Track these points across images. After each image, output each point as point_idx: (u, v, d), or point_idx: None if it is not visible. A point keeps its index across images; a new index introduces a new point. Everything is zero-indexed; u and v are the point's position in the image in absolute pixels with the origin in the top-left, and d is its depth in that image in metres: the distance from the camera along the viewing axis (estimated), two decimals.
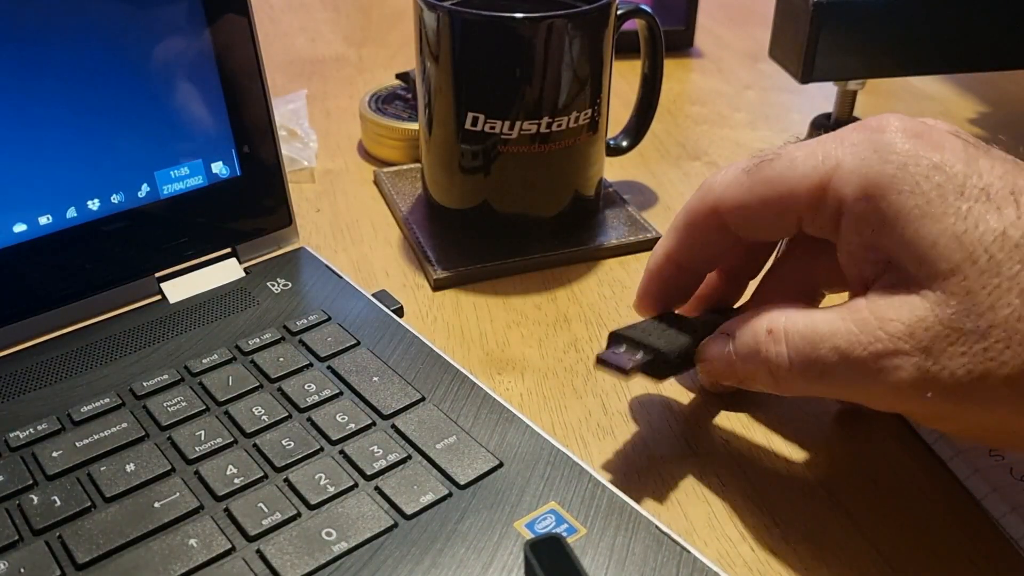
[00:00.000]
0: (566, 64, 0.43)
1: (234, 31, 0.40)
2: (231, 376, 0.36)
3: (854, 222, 0.29)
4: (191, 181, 0.41)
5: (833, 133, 0.30)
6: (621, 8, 0.46)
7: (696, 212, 0.33)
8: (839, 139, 0.30)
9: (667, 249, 0.34)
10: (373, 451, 0.32)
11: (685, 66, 0.73)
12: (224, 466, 0.32)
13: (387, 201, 0.53)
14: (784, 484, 0.34)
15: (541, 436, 0.33)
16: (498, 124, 0.44)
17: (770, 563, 0.31)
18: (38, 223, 0.38)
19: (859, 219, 0.29)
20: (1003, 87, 0.68)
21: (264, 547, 0.29)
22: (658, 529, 0.29)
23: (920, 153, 0.28)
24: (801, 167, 0.30)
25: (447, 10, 0.43)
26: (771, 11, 0.52)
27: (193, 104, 0.40)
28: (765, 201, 0.31)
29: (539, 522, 0.30)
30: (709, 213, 0.32)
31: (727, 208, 0.32)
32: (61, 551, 0.29)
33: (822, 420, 0.37)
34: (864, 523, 0.32)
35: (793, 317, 0.30)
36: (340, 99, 0.66)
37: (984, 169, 0.27)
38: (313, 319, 0.39)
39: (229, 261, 0.42)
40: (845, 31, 0.49)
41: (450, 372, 0.36)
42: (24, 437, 0.33)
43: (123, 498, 0.31)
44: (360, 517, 0.30)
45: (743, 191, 0.31)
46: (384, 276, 0.46)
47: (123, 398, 0.35)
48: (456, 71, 0.44)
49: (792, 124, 0.63)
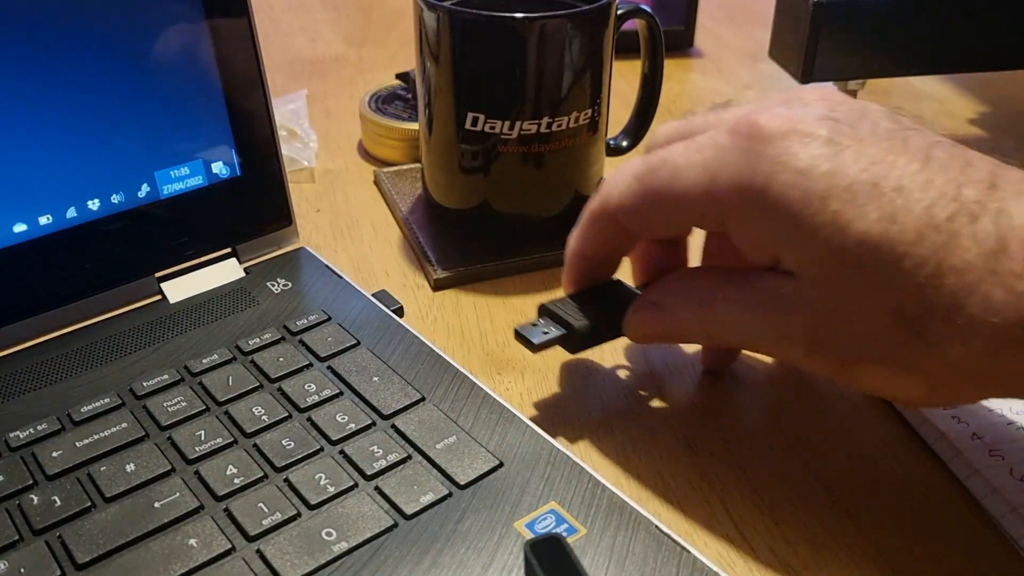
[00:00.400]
0: (566, 64, 0.43)
1: (234, 31, 0.40)
2: (231, 376, 0.36)
3: (735, 228, 0.31)
4: (191, 181, 0.41)
5: (711, 135, 0.32)
6: (621, 8, 0.46)
7: (595, 215, 0.35)
8: (715, 146, 0.31)
9: (576, 246, 0.37)
10: (373, 451, 0.32)
11: (685, 66, 0.73)
12: (224, 466, 0.32)
13: (387, 201, 0.53)
14: (784, 484, 0.34)
15: (541, 436, 0.33)
16: (498, 124, 0.44)
17: (770, 563, 0.31)
18: (38, 223, 0.38)
19: (739, 226, 0.31)
20: (1003, 87, 0.68)
21: (264, 547, 0.29)
22: (658, 529, 0.29)
23: (787, 161, 0.29)
24: (684, 178, 0.31)
25: (447, 10, 0.43)
26: (771, 11, 0.52)
27: (193, 104, 0.40)
28: (654, 208, 0.33)
29: (539, 522, 0.30)
30: (607, 217, 0.34)
31: (621, 214, 0.34)
32: (61, 551, 0.29)
33: (822, 420, 0.37)
34: (864, 523, 0.32)
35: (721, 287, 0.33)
36: (340, 99, 0.66)
37: (848, 165, 0.29)
38: (313, 319, 0.39)
39: (229, 261, 0.42)
40: (845, 31, 0.49)
41: (450, 372, 0.36)
42: (24, 437, 0.33)
43: (123, 498, 0.31)
44: (360, 517, 0.30)
45: (635, 199, 0.33)
46: (384, 276, 0.46)
47: (123, 398, 0.35)
48: (456, 71, 0.44)
49: None
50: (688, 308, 0.34)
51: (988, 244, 0.27)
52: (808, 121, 0.30)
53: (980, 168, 0.28)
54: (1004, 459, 0.33)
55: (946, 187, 0.28)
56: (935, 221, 0.27)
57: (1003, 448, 0.34)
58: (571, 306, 0.37)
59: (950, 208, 0.27)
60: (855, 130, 0.30)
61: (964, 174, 0.28)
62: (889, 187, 0.28)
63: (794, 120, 0.30)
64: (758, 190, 0.30)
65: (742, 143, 0.30)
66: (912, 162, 0.29)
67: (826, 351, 0.30)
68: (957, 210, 0.27)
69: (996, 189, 0.28)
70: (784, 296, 0.30)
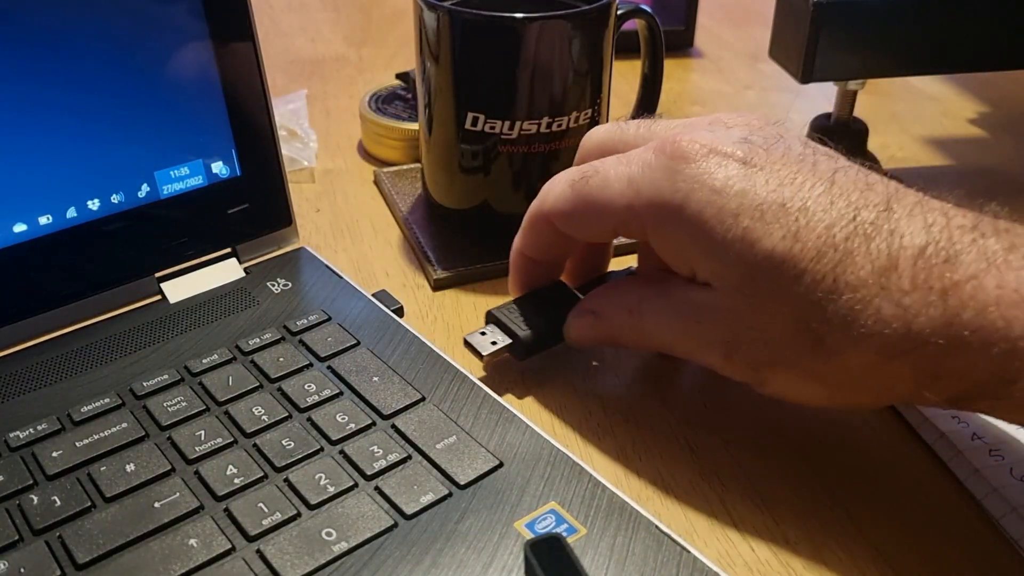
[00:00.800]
0: (566, 64, 0.43)
1: (234, 31, 0.40)
2: (231, 376, 0.36)
3: (656, 239, 0.34)
4: (191, 181, 0.41)
5: (640, 151, 0.34)
6: (621, 8, 0.46)
7: (533, 218, 0.37)
8: (641, 162, 0.33)
9: (518, 246, 0.39)
10: (373, 451, 0.32)
11: (685, 66, 0.73)
12: (224, 466, 0.32)
13: (387, 201, 0.53)
14: (784, 484, 0.34)
15: (541, 436, 0.33)
16: (498, 124, 0.44)
17: (770, 563, 0.31)
18: (38, 223, 0.38)
19: (659, 238, 0.33)
20: (1003, 87, 0.68)
21: (264, 547, 0.29)
22: (658, 529, 0.29)
23: (704, 180, 0.32)
24: (611, 189, 0.34)
25: (447, 10, 0.43)
26: (771, 11, 0.52)
27: (193, 104, 0.40)
28: (585, 215, 0.35)
29: (539, 522, 0.30)
30: (544, 220, 0.37)
31: (556, 218, 0.36)
32: (61, 551, 0.29)
33: (822, 420, 0.37)
34: (864, 523, 0.32)
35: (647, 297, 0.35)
36: (340, 99, 0.66)
37: (759, 185, 0.31)
38: (313, 319, 0.39)
39: (229, 261, 0.42)
40: (845, 31, 0.49)
41: (450, 372, 0.36)
42: (24, 437, 0.33)
43: (123, 498, 0.31)
44: (360, 517, 0.30)
45: (568, 204, 0.35)
46: (384, 276, 0.46)
47: (123, 398, 0.35)
48: (456, 71, 0.44)
49: (792, 124, 0.63)
50: (619, 315, 0.36)
51: (880, 262, 0.29)
52: (726, 143, 0.32)
53: (879, 192, 0.31)
54: (1004, 459, 0.33)
55: (845, 209, 0.30)
56: (834, 240, 0.30)
57: (1003, 448, 0.34)
58: (517, 312, 0.39)
59: (848, 229, 0.30)
60: (768, 153, 0.32)
61: (863, 197, 0.30)
62: (795, 207, 0.30)
63: (713, 142, 0.32)
64: (676, 206, 0.32)
65: (664, 162, 0.33)
66: (818, 184, 0.31)
67: (739, 358, 0.32)
68: (854, 231, 0.29)
69: (891, 211, 0.30)
70: (701, 306, 0.33)
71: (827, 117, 0.54)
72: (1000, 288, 0.27)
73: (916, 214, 0.30)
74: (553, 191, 0.36)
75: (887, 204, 0.30)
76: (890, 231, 0.29)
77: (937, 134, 0.62)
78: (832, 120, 0.54)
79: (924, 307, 0.28)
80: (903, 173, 0.57)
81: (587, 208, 0.35)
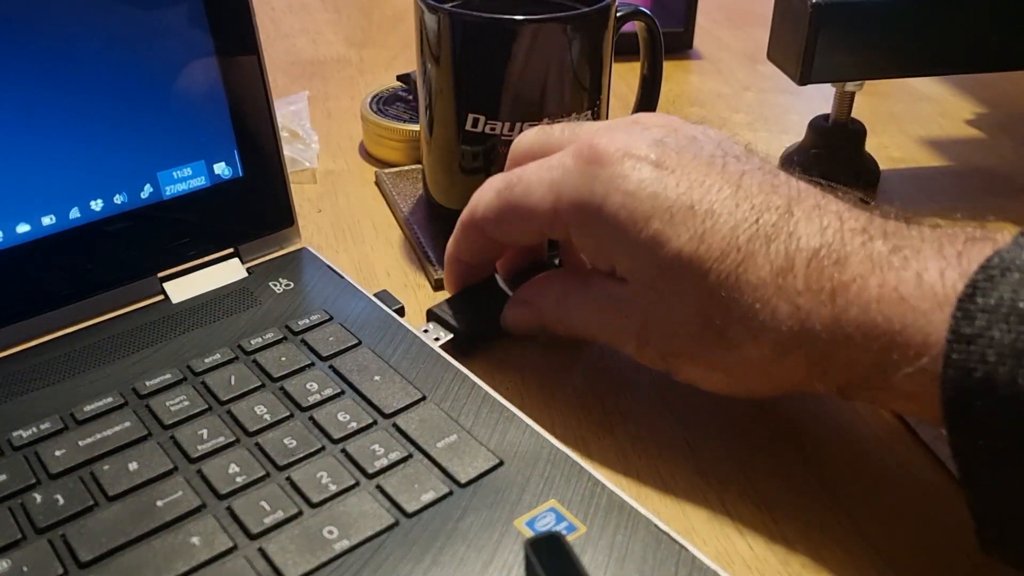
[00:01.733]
0: (566, 66, 0.43)
1: (236, 33, 0.40)
2: (233, 375, 0.36)
3: (577, 239, 0.35)
4: (193, 182, 0.41)
5: (560, 156, 0.36)
6: (621, 10, 0.46)
7: (464, 224, 0.39)
8: (562, 167, 0.35)
9: (451, 251, 0.41)
10: (374, 450, 0.32)
11: (684, 68, 0.73)
12: (226, 465, 0.32)
13: (388, 202, 0.53)
14: (784, 483, 0.34)
15: (541, 435, 0.33)
16: (498, 125, 0.44)
17: (769, 562, 0.31)
18: (41, 223, 0.38)
19: (580, 238, 0.35)
20: (1002, 87, 0.68)
21: (266, 545, 0.29)
22: (657, 527, 0.29)
23: (618, 184, 0.33)
24: (534, 194, 0.36)
25: (448, 12, 0.43)
26: (770, 12, 0.53)
27: (195, 105, 0.40)
28: (511, 220, 0.37)
29: (539, 520, 0.30)
30: (474, 226, 0.38)
31: (485, 224, 0.38)
32: (64, 550, 0.29)
33: (822, 420, 0.37)
34: (864, 523, 0.32)
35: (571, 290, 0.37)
36: (341, 100, 0.66)
37: (670, 188, 0.33)
38: (315, 319, 0.39)
39: (231, 261, 0.43)
40: (843, 32, 0.49)
41: (451, 371, 0.36)
42: (27, 436, 0.33)
43: (126, 497, 0.31)
44: (361, 515, 0.30)
45: (495, 211, 0.37)
46: (385, 276, 0.47)
47: (126, 397, 0.35)
48: (457, 73, 0.44)
49: (791, 125, 0.63)
50: (549, 306, 0.39)
51: (778, 263, 0.31)
52: (641, 146, 0.34)
53: (781, 195, 0.32)
54: None
55: (749, 212, 0.32)
56: (737, 242, 0.31)
57: None
58: (455, 308, 0.41)
59: (750, 231, 0.31)
60: (680, 156, 0.34)
61: (766, 200, 0.32)
62: (702, 210, 0.32)
63: (628, 145, 0.34)
64: (594, 209, 0.34)
65: (582, 166, 0.34)
66: (725, 187, 0.33)
67: (651, 347, 0.35)
68: (755, 233, 0.31)
69: (791, 215, 0.32)
70: (618, 299, 0.35)
71: (825, 118, 0.55)
72: (881, 287, 0.29)
73: (813, 217, 0.31)
74: (483, 198, 0.38)
75: (788, 207, 0.32)
76: (788, 234, 0.31)
77: (935, 135, 0.62)
78: (830, 121, 0.54)
79: (816, 306, 0.30)
80: (902, 173, 0.57)
81: (513, 214, 0.36)
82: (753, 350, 0.32)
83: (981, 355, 0.26)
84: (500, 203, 0.37)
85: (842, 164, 0.55)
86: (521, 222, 0.36)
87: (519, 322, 0.40)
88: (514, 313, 0.40)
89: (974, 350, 0.26)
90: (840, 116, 0.54)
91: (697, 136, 0.36)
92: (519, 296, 0.40)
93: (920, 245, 0.30)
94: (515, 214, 0.36)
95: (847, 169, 0.55)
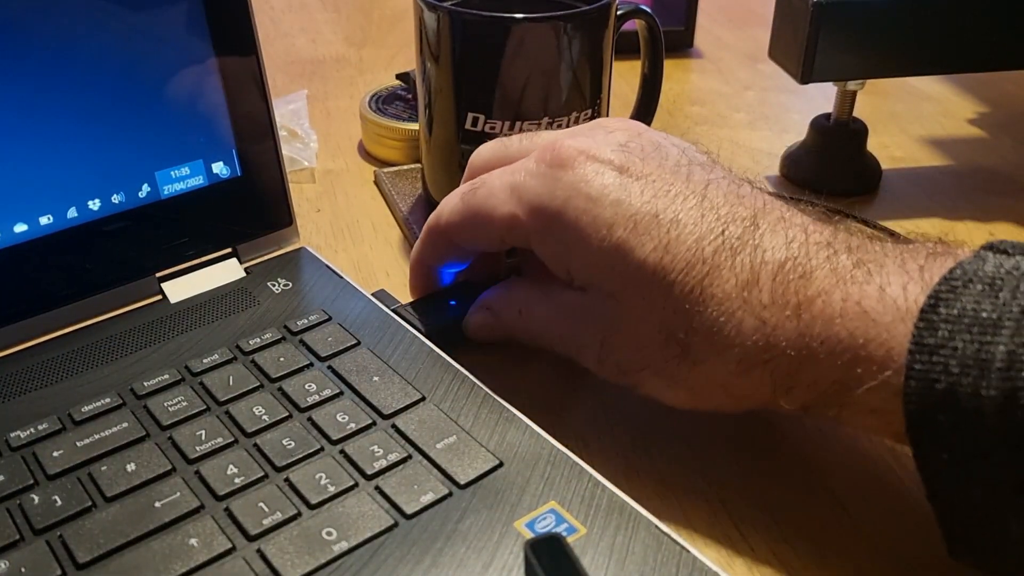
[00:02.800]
0: (566, 65, 0.43)
1: (235, 31, 0.40)
2: (232, 376, 0.36)
3: (536, 245, 0.35)
4: (192, 181, 0.41)
5: (524, 160, 0.35)
6: (621, 9, 0.46)
7: (430, 230, 0.39)
8: (524, 171, 0.35)
9: (416, 256, 0.40)
10: (373, 451, 0.32)
11: (685, 67, 0.73)
12: (225, 466, 0.32)
13: (387, 201, 0.53)
14: (784, 483, 0.34)
15: (541, 436, 0.33)
16: (498, 124, 0.44)
17: (770, 563, 0.31)
18: (39, 223, 0.38)
19: (539, 244, 0.35)
20: (1003, 87, 0.68)
21: (264, 546, 0.29)
22: (658, 528, 0.29)
23: (580, 188, 0.33)
24: (496, 199, 0.35)
25: (447, 11, 0.43)
26: (771, 11, 0.52)
27: (194, 104, 0.40)
28: (473, 224, 0.36)
29: (539, 521, 0.30)
30: (439, 232, 0.38)
31: (449, 229, 0.37)
32: (62, 550, 0.29)
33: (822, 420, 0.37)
34: (864, 523, 0.32)
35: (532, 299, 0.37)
36: (340, 99, 0.66)
37: (634, 196, 0.32)
38: (313, 319, 0.39)
39: (230, 261, 0.42)
40: (844, 31, 0.49)
41: (450, 372, 0.36)
42: (25, 437, 0.33)
43: (124, 498, 0.31)
44: (360, 517, 0.30)
45: (459, 217, 0.37)
46: (384, 276, 0.46)
47: (124, 398, 0.35)
48: (456, 72, 0.44)
49: (792, 124, 0.63)
50: (510, 315, 0.38)
51: (743, 276, 0.30)
52: (604, 150, 0.34)
53: (747, 206, 0.32)
54: None
55: (715, 223, 0.31)
56: (703, 254, 0.31)
57: None
58: (420, 311, 0.40)
59: (716, 243, 0.31)
60: (644, 162, 0.33)
61: (732, 211, 0.32)
62: (667, 219, 0.32)
63: (591, 148, 0.34)
64: (554, 213, 0.33)
65: (544, 169, 0.34)
66: (690, 197, 0.32)
67: (611, 361, 0.34)
68: (721, 244, 0.31)
69: (756, 227, 0.31)
70: (576, 309, 0.34)
71: (827, 117, 0.55)
72: (845, 301, 0.29)
73: (779, 230, 0.31)
74: (447, 205, 0.37)
75: (753, 219, 0.31)
76: (754, 246, 0.31)
77: (936, 134, 0.62)
78: (831, 120, 0.54)
79: (781, 321, 0.29)
80: (903, 173, 0.57)
81: (475, 218, 0.36)
82: (717, 366, 0.31)
83: (944, 366, 0.26)
84: (463, 207, 0.36)
85: (843, 163, 0.54)
86: (482, 226, 0.36)
87: (480, 329, 0.39)
88: (475, 319, 0.39)
89: (937, 360, 0.26)
90: (841, 115, 0.54)
91: (661, 142, 0.35)
92: (481, 303, 0.39)
93: (883, 259, 0.29)
94: (477, 218, 0.36)
95: (848, 168, 0.55)
